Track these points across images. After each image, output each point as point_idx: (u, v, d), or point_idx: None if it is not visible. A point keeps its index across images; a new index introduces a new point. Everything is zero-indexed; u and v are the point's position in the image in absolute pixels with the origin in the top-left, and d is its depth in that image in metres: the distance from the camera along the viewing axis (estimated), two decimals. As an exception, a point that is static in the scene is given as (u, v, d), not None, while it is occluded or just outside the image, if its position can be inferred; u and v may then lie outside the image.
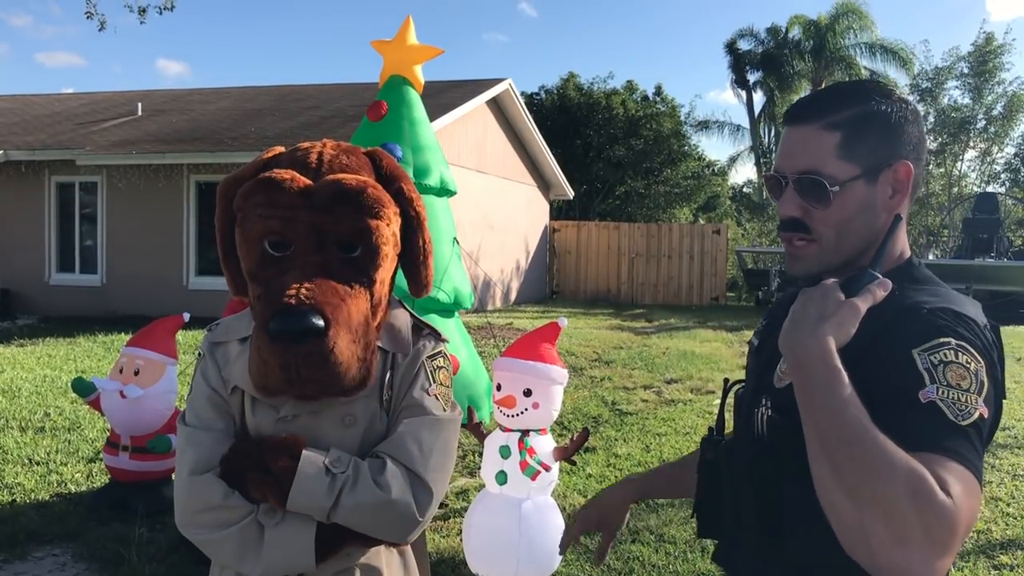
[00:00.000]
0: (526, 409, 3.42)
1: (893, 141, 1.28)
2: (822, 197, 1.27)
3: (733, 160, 31.07)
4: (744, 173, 75.21)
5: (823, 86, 21.63)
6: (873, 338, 1.15)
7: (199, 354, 1.58)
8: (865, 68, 27.51)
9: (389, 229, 1.49)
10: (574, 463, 3.92)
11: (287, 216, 1.41)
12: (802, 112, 1.31)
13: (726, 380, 1.51)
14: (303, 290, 1.38)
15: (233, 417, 1.52)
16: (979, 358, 1.14)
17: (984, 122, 24.67)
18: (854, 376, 1.09)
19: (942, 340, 1.13)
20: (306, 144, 1.55)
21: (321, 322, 1.36)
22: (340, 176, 1.46)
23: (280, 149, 1.54)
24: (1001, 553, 4.43)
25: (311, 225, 1.42)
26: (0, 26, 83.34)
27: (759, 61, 28.29)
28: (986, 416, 1.11)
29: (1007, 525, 4.84)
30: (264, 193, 1.42)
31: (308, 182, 1.44)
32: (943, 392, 1.08)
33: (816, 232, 1.29)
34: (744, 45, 28.75)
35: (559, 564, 3.71)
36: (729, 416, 1.50)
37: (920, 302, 1.20)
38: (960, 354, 1.12)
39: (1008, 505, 5.16)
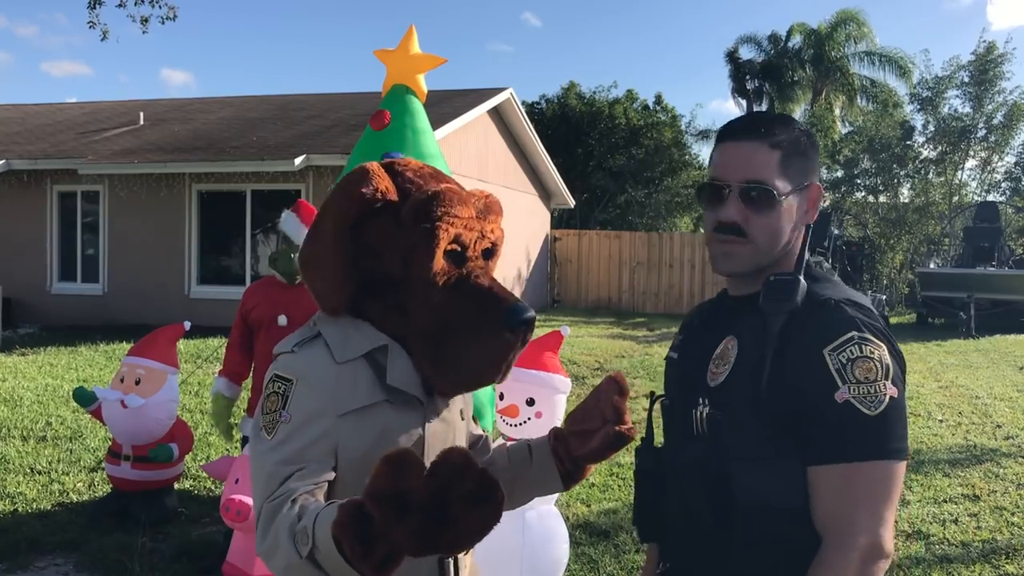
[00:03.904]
0: (529, 419, 3.41)
1: (812, 164, 1.50)
2: (768, 205, 1.43)
3: (734, 169, 31.02)
4: (745, 182, 74.62)
5: (823, 95, 21.65)
6: (789, 336, 1.35)
7: (286, 379, 1.42)
8: (865, 77, 27.55)
9: None
10: (577, 472, 3.90)
11: (468, 225, 1.49)
12: (746, 129, 1.48)
13: (652, 393, 1.65)
14: (501, 288, 1.50)
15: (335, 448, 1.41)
16: (879, 342, 1.34)
17: (984, 131, 24.67)
18: (784, 384, 1.33)
19: (847, 336, 1.33)
20: (405, 161, 1.60)
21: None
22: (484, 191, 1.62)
23: (378, 166, 1.52)
24: (1007, 562, 4.41)
25: (479, 232, 1.52)
26: (5, 35, 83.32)
27: (759, 70, 28.33)
28: (896, 395, 1.31)
29: (1012, 534, 4.82)
30: (453, 205, 1.47)
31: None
32: (855, 390, 1.30)
33: (752, 236, 1.45)
34: (746, 53, 28.77)
35: (563, 573, 3.70)
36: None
37: (827, 296, 1.40)
38: (864, 346, 1.32)
39: (1012, 514, 5.14)
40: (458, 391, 1.55)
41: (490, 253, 1.58)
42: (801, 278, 1.40)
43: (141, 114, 17.21)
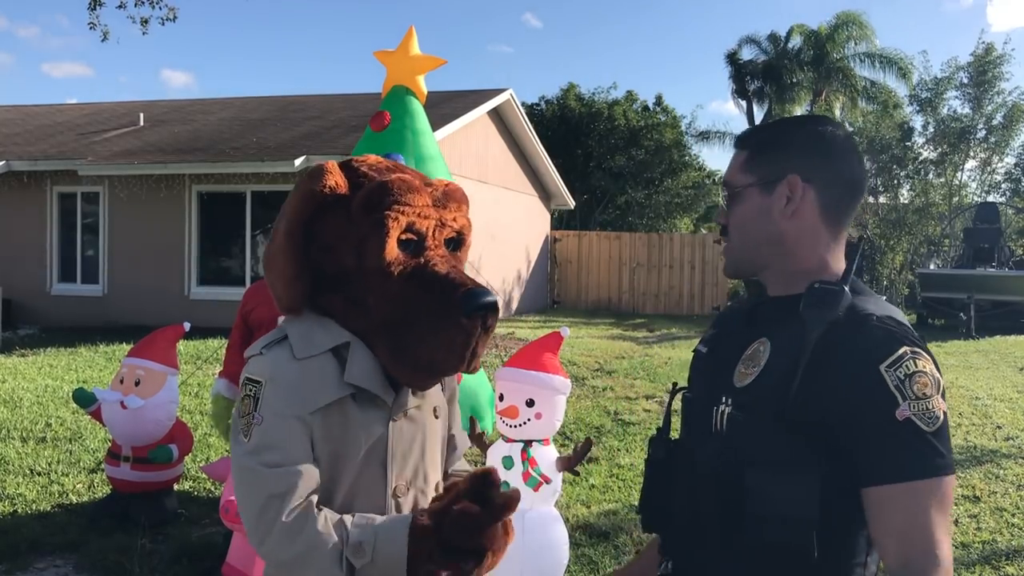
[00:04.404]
0: (529, 419, 3.41)
1: (792, 159, 1.44)
2: (732, 202, 1.49)
3: (734, 170, 31.06)
4: (745, 183, 74.70)
5: (823, 96, 21.64)
6: (827, 348, 1.32)
7: (255, 381, 1.45)
8: (864, 78, 27.52)
9: None
10: (577, 474, 3.91)
11: (422, 214, 1.49)
12: (736, 140, 1.57)
13: (674, 384, 1.67)
14: (460, 274, 1.48)
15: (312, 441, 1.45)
16: (927, 355, 1.34)
17: (984, 132, 24.70)
18: (819, 396, 1.30)
19: (900, 351, 1.31)
20: (363, 157, 1.59)
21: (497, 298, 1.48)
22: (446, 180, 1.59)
23: (333, 163, 1.52)
24: (1007, 564, 4.41)
25: (437, 220, 1.51)
26: (6, 36, 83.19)
27: (760, 71, 28.29)
28: (945, 409, 1.33)
29: (1012, 536, 4.82)
30: (402, 193, 1.47)
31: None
32: (914, 406, 1.28)
33: (730, 234, 1.51)
34: (746, 53, 28.70)
35: (563, 575, 3.69)
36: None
37: (869, 311, 1.37)
38: (917, 360, 1.31)
39: (1013, 516, 5.14)
40: (419, 381, 1.52)
41: (457, 243, 1.57)
42: (846, 289, 1.38)
43: (141, 115, 17.22)
